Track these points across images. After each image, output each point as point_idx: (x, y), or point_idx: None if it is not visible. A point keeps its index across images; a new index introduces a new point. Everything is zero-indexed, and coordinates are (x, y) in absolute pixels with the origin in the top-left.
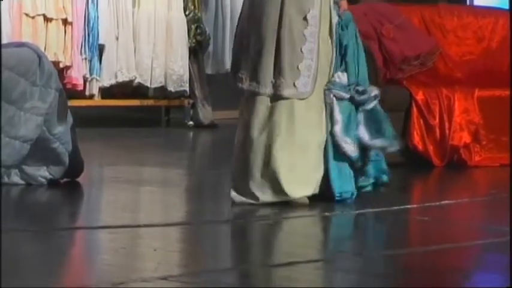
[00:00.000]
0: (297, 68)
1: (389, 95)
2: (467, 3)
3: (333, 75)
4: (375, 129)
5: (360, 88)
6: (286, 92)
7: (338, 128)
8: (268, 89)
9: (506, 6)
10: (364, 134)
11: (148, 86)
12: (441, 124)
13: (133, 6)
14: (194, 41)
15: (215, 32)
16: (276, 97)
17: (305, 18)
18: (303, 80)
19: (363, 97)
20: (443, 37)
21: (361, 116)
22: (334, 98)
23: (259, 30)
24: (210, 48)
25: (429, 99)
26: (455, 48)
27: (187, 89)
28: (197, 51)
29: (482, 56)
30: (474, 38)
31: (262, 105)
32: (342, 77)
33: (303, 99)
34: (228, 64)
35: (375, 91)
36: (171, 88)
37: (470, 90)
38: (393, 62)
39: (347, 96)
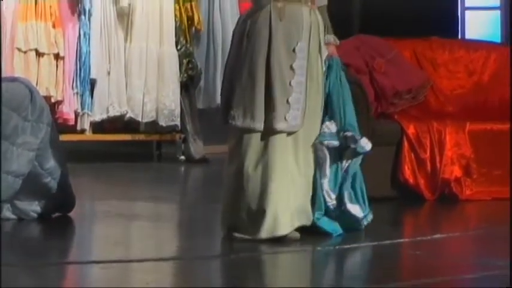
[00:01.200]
0: (287, 101)
1: (380, 129)
2: (459, 36)
3: (321, 125)
4: (355, 194)
5: (349, 134)
6: (278, 125)
7: (325, 181)
8: (261, 124)
9: (498, 40)
10: (346, 198)
11: (140, 120)
12: (432, 158)
13: (125, 41)
14: (186, 75)
15: (207, 66)
16: (268, 132)
17: (293, 51)
18: (293, 113)
19: (353, 146)
20: (435, 71)
21: (345, 177)
22: (326, 150)
23: (250, 66)
24: (202, 82)
25: (420, 133)
26: (447, 82)
27: (179, 124)
28: (189, 85)
29: (473, 90)
30: (465, 71)
31: (256, 140)
32: (330, 126)
33: (294, 132)
34: (219, 99)
35: (367, 146)
36: (163, 123)
37: (461, 124)
38: (385, 96)
39: (337, 143)
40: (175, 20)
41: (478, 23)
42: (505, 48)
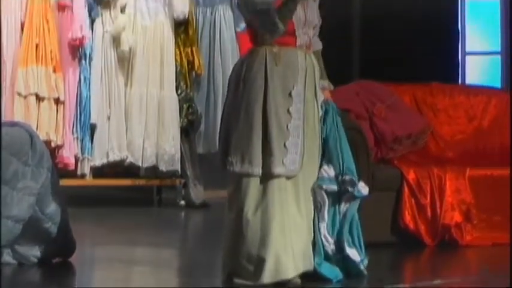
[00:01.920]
0: (284, 145)
1: (380, 174)
2: (459, 82)
3: (319, 170)
4: (352, 238)
5: (347, 177)
6: (276, 170)
7: (323, 226)
8: (259, 169)
9: (498, 85)
10: (346, 243)
11: (140, 165)
12: (432, 203)
13: (126, 85)
14: (186, 120)
15: (207, 111)
16: (267, 176)
17: (290, 95)
18: (290, 158)
19: (351, 189)
20: (435, 116)
21: (343, 221)
22: (325, 194)
23: (246, 111)
24: (202, 127)
25: (420, 178)
26: (447, 128)
27: (179, 169)
28: (189, 130)
29: (473, 135)
30: (465, 117)
31: (255, 185)
32: (328, 171)
33: (292, 176)
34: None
35: (364, 190)
36: (163, 168)
37: (461, 170)
38: (384, 142)
39: (336, 188)
40: (175, 64)
41: (479, 68)
42: (505, 94)
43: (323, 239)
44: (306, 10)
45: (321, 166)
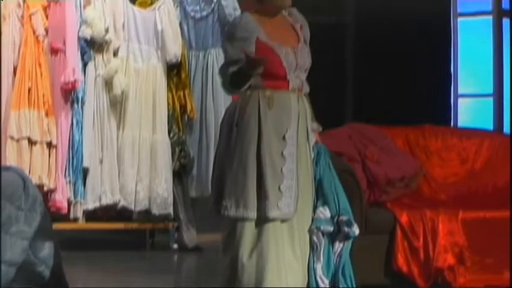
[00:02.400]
0: (279, 189)
1: (373, 217)
2: (452, 124)
3: (314, 212)
4: (344, 279)
5: (344, 218)
6: (271, 214)
7: (319, 267)
8: (255, 213)
9: (491, 127)
10: (341, 284)
11: (133, 209)
12: (425, 246)
13: (118, 129)
14: (178, 164)
15: (199, 155)
16: (261, 220)
17: (283, 138)
18: (285, 201)
19: (347, 230)
20: (427, 159)
21: (338, 262)
22: (321, 235)
23: (240, 155)
24: (194, 171)
25: (413, 221)
26: (439, 170)
27: (172, 212)
28: (181, 174)
29: (466, 178)
30: (458, 159)
31: (249, 229)
32: (324, 212)
33: (287, 220)
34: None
35: (357, 230)
36: (155, 211)
37: (454, 212)
38: (377, 185)
39: (332, 229)
40: (168, 108)
41: (471, 110)
42: (498, 136)
43: (319, 280)
44: (297, 54)
45: (316, 207)
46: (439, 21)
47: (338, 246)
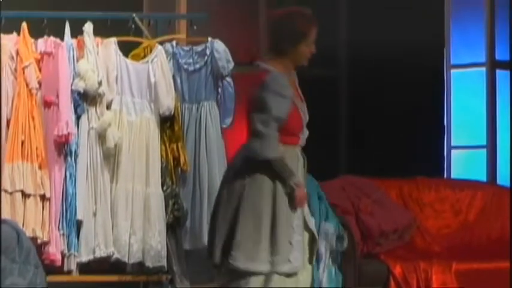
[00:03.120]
0: (290, 243)
1: (367, 269)
2: (445, 176)
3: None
4: None
5: (341, 232)
6: (283, 267)
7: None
8: (267, 267)
9: (484, 179)
10: None
11: (126, 261)
12: None
13: (111, 182)
14: (172, 216)
15: (193, 207)
16: (270, 273)
17: None
18: (295, 254)
19: (339, 244)
20: (421, 211)
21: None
22: (326, 248)
23: (254, 209)
24: (188, 223)
25: (407, 272)
26: (433, 222)
27: (165, 265)
28: (175, 226)
29: (459, 229)
30: (451, 211)
31: (257, 282)
32: (329, 227)
33: (295, 273)
34: (206, 239)
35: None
36: (149, 264)
37: (447, 264)
38: (371, 237)
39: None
40: (161, 160)
41: (464, 162)
42: (491, 187)
43: None
44: (305, 110)
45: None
46: (432, 73)
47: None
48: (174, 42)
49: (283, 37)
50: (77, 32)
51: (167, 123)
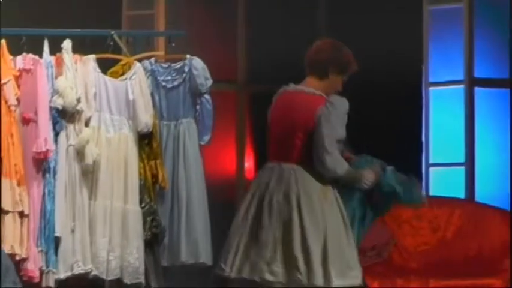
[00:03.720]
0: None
1: None
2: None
3: None
4: None
5: None
6: (318, 281)
7: None
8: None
9: (462, 196)
10: None
11: (105, 278)
12: None
13: (90, 198)
14: (150, 233)
15: (171, 224)
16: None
17: None
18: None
19: None
20: (399, 228)
21: None
22: None
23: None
24: (166, 240)
25: None
26: (411, 239)
27: (143, 281)
28: (153, 243)
29: (437, 246)
30: (429, 228)
31: None
32: None
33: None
34: (183, 256)
35: None
36: (127, 280)
37: (425, 281)
38: None
39: None
40: (139, 177)
41: (442, 179)
42: (469, 204)
43: None
44: None
45: None
46: (411, 91)
47: None
48: (152, 60)
49: (327, 63)
50: (55, 50)
51: (145, 140)
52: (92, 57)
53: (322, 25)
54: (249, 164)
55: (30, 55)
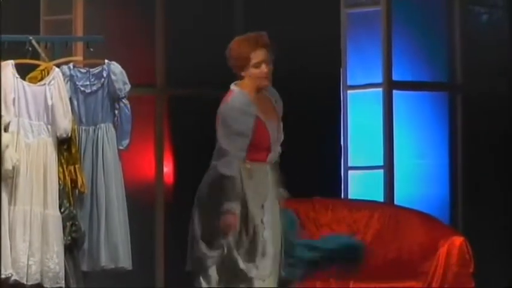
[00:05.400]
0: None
1: None
2: (342, 196)
3: None
4: None
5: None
6: (251, 273)
7: None
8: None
9: (381, 199)
10: None
11: (25, 283)
12: None
13: (9, 204)
14: (69, 238)
15: (90, 229)
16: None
17: (262, 207)
18: (264, 263)
19: None
20: (318, 231)
21: None
22: None
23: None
24: (85, 245)
25: None
26: None
27: (64, 286)
28: (72, 248)
29: None
30: (349, 231)
31: None
32: None
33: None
34: (103, 261)
35: None
36: (48, 285)
37: (345, 284)
38: None
39: None
40: (59, 182)
41: (361, 183)
42: (388, 207)
43: None
44: (279, 129)
45: None
46: (329, 94)
47: None
48: (71, 65)
49: (232, 64)
50: None
51: (64, 146)
52: (10, 63)
53: (240, 27)
54: (168, 168)
55: None
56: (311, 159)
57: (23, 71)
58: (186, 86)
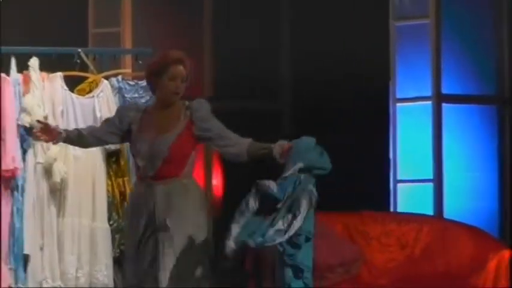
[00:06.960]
0: None
1: None
2: (391, 209)
3: None
4: None
5: None
6: None
7: None
8: None
9: (431, 212)
10: None
11: None
12: None
13: (58, 216)
14: (118, 250)
15: None
16: None
17: None
18: None
19: None
20: (367, 244)
21: None
22: None
23: None
24: None
25: None
26: (379, 256)
27: None
28: (121, 260)
29: (405, 263)
30: (397, 244)
31: None
32: None
33: None
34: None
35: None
36: None
37: None
38: (316, 270)
39: None
40: (107, 195)
41: (410, 196)
42: (437, 221)
43: None
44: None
45: None
46: (378, 107)
47: None
48: (119, 77)
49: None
50: (23, 67)
51: (113, 158)
52: (59, 75)
53: (288, 43)
54: (216, 181)
55: None
56: (360, 172)
57: (72, 84)
58: (233, 99)
